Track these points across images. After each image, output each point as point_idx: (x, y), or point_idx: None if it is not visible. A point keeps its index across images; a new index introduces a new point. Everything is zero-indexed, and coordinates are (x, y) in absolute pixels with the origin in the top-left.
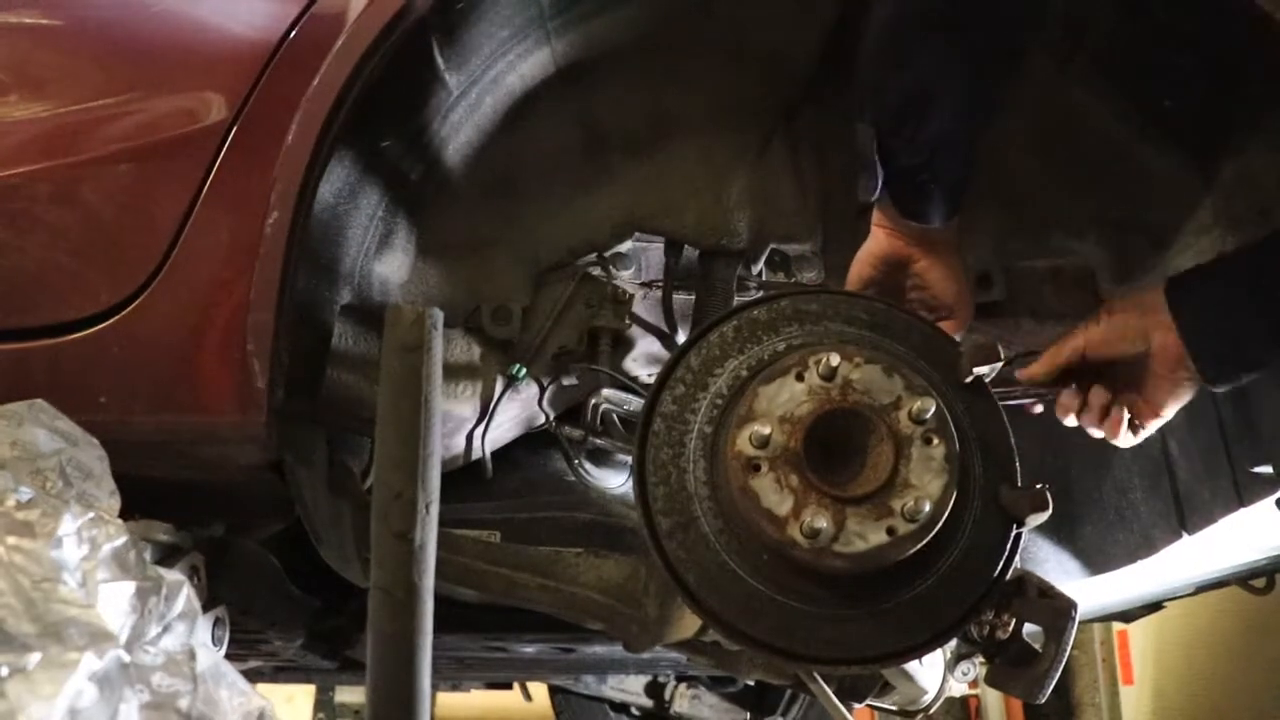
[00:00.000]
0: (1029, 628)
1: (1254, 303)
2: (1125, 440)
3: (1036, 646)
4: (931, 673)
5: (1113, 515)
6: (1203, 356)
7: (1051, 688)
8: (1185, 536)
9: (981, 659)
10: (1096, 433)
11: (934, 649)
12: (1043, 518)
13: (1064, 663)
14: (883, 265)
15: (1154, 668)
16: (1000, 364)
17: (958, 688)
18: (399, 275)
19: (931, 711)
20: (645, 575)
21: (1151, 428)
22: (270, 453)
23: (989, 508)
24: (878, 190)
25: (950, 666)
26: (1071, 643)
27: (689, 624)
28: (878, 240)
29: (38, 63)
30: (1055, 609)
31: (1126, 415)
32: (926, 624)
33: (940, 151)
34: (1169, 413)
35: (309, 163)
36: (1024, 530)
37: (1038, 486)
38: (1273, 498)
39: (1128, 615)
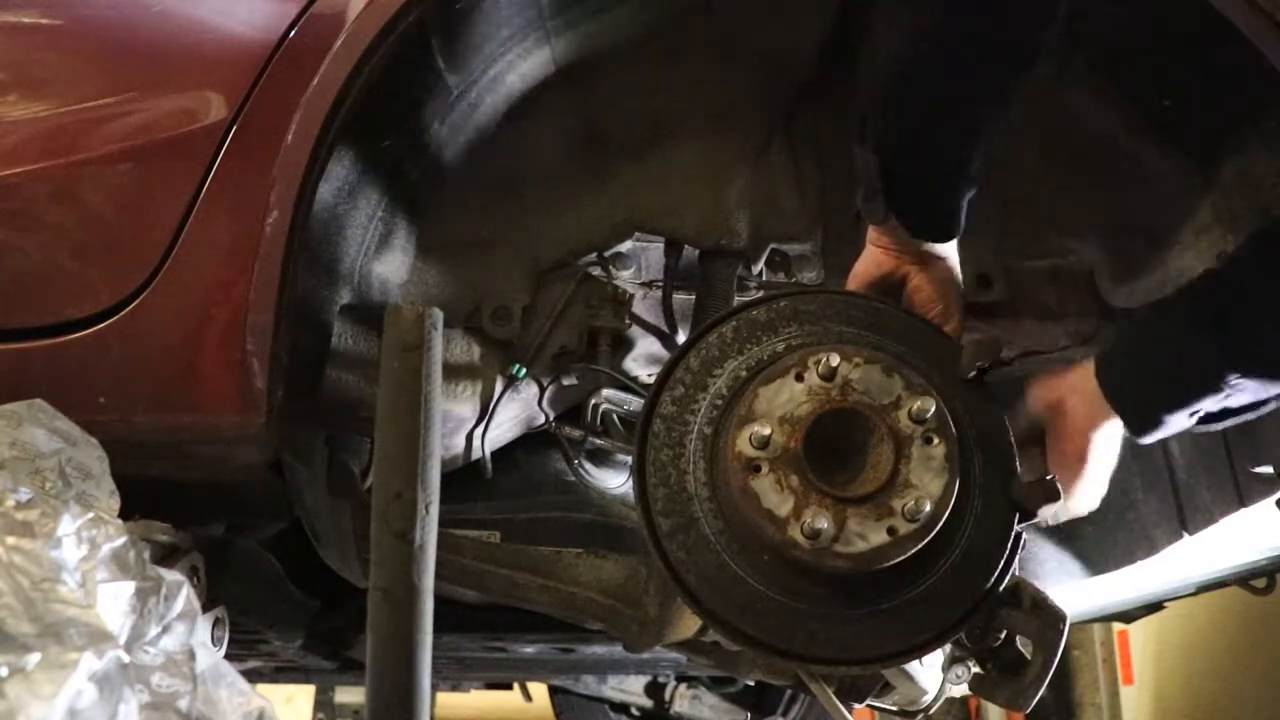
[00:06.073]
0: None
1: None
2: None
3: (1028, 654)
4: (932, 673)
5: (1113, 515)
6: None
7: (1036, 699)
8: (1186, 536)
9: (975, 664)
10: None
11: (935, 649)
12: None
13: (1050, 675)
14: (880, 285)
15: (1154, 668)
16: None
17: (956, 689)
18: (399, 275)
19: (931, 712)
20: (645, 575)
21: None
22: (270, 452)
23: (990, 506)
24: (885, 216)
25: (944, 670)
26: (1059, 655)
27: (689, 624)
28: (875, 259)
29: (38, 63)
30: (1046, 620)
31: None
32: (927, 624)
33: (955, 165)
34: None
35: (308, 163)
36: (1027, 527)
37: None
38: (1273, 498)
39: (1128, 615)
